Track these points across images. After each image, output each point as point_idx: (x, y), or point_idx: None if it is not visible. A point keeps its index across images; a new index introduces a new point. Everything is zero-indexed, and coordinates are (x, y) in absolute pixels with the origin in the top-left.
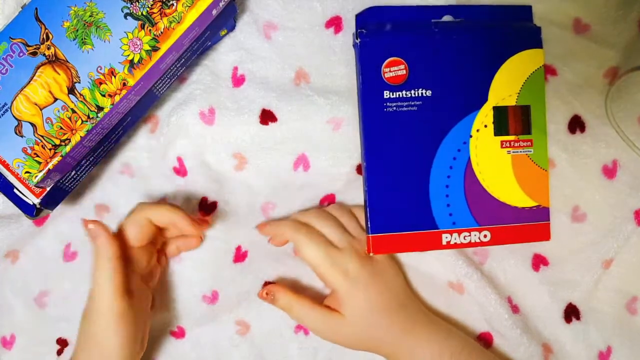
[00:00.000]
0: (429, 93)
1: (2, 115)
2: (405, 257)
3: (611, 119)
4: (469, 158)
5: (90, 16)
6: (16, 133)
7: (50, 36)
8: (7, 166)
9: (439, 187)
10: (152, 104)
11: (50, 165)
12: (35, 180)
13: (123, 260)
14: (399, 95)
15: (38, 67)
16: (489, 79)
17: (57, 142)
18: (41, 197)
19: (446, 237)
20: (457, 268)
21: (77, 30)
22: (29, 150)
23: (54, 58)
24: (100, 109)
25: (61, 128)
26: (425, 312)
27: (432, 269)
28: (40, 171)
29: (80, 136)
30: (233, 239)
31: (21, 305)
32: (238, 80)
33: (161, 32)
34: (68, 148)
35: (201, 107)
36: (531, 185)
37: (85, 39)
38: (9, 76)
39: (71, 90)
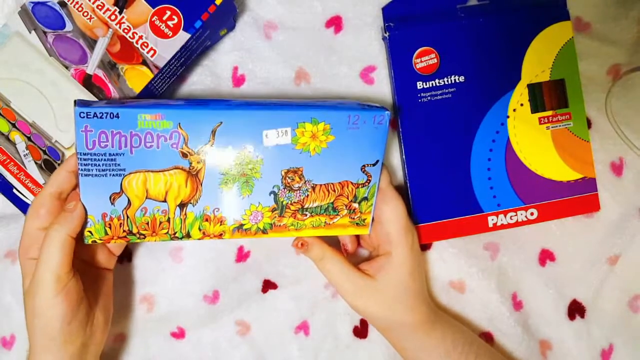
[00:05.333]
0: (461, 79)
1: (114, 176)
2: None
3: (610, 118)
4: (508, 138)
5: (250, 169)
6: (110, 198)
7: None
8: (6, 166)
9: (481, 170)
10: None
11: (112, 242)
12: (89, 242)
13: (76, 241)
14: (432, 84)
15: (176, 168)
16: (520, 58)
17: (135, 231)
18: None
19: (492, 220)
20: (459, 267)
21: (231, 170)
22: (107, 218)
23: (195, 173)
24: (188, 236)
25: (147, 224)
26: (439, 310)
27: (434, 268)
28: (101, 240)
29: (155, 240)
30: (235, 239)
31: (21, 305)
32: (238, 80)
33: (279, 225)
34: (137, 241)
35: None
36: (574, 158)
37: (229, 181)
38: (148, 152)
39: (182, 205)
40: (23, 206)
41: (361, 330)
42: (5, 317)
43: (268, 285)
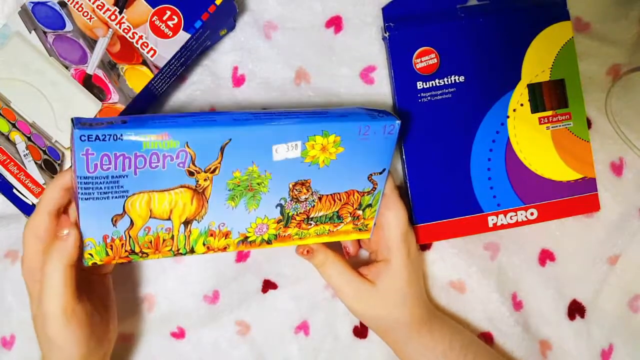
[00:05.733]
0: (461, 79)
1: (116, 198)
2: None
3: (610, 118)
4: (508, 138)
5: (257, 184)
6: (112, 220)
7: (217, 172)
8: (6, 166)
9: (481, 170)
10: None
11: (114, 262)
12: (89, 264)
13: (77, 267)
14: (432, 84)
15: (182, 186)
16: (520, 58)
17: (137, 250)
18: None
19: (492, 220)
20: (459, 267)
21: (239, 186)
22: (108, 239)
23: (201, 191)
24: (192, 252)
25: (150, 242)
26: (437, 311)
27: (434, 268)
28: (102, 261)
29: (158, 257)
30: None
31: (21, 305)
32: (238, 80)
33: (283, 235)
34: (139, 259)
35: (201, 108)
36: (574, 158)
37: (236, 197)
38: (153, 172)
39: (187, 223)
40: (23, 206)
41: (361, 330)
42: (5, 317)
43: (268, 285)
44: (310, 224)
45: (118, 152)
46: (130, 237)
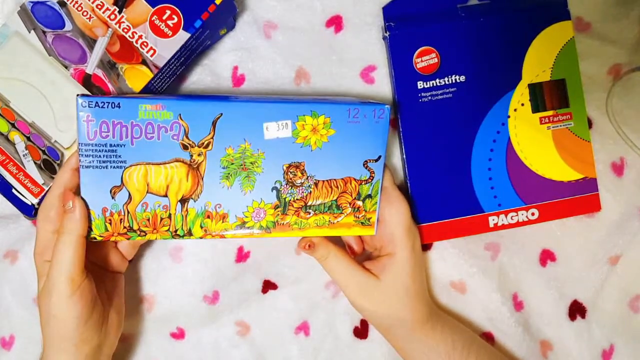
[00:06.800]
0: (462, 79)
1: (114, 168)
2: None
3: (611, 117)
4: (509, 138)
5: (251, 163)
6: (111, 192)
7: (210, 147)
8: (5, 166)
9: (481, 170)
10: None
11: (113, 238)
12: (89, 238)
13: (85, 241)
14: (432, 84)
15: (176, 160)
16: (520, 57)
17: (136, 227)
18: (40, 197)
19: (493, 220)
20: (460, 267)
21: (232, 164)
22: (107, 213)
23: (196, 166)
24: (189, 234)
25: (148, 220)
26: (439, 310)
27: (435, 268)
28: (101, 236)
29: (156, 237)
30: (235, 239)
31: (20, 305)
32: (238, 80)
33: (282, 223)
34: (138, 239)
35: None
36: (575, 158)
37: (230, 176)
38: (149, 143)
39: (183, 201)
40: (22, 206)
41: (361, 330)
42: (5, 317)
43: (268, 286)
44: (309, 213)
45: (116, 119)
46: (128, 212)
